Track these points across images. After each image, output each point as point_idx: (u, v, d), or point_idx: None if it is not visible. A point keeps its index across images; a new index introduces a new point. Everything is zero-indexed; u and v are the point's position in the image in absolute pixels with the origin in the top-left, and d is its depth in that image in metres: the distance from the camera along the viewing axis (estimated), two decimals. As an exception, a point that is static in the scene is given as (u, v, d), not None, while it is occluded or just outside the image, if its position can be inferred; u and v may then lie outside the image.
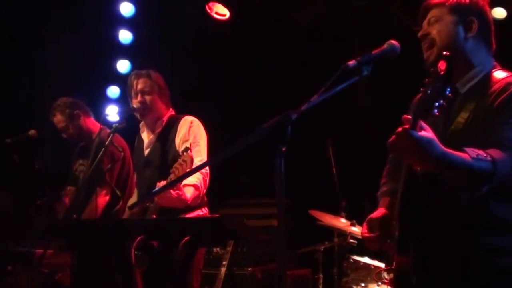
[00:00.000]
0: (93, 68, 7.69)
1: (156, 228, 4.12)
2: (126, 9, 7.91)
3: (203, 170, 4.56)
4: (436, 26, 2.91)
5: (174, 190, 4.22)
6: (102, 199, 5.23)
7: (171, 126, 4.88)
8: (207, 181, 4.67)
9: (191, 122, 4.82)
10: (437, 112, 2.44)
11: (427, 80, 2.50)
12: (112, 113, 7.55)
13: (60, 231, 4.70)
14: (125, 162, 5.46)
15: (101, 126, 5.56)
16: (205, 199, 4.77)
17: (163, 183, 4.27)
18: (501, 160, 2.54)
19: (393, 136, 2.48)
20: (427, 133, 2.45)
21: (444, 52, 2.53)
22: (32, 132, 5.82)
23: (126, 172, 5.51)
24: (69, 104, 5.80)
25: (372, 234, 2.97)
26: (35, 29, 7.39)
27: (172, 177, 4.18)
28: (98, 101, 7.78)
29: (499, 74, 2.84)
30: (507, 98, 2.70)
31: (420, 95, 2.97)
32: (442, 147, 2.48)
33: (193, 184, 4.48)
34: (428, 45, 2.93)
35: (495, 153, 2.55)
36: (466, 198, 2.61)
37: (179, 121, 4.86)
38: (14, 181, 6.33)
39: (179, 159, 4.20)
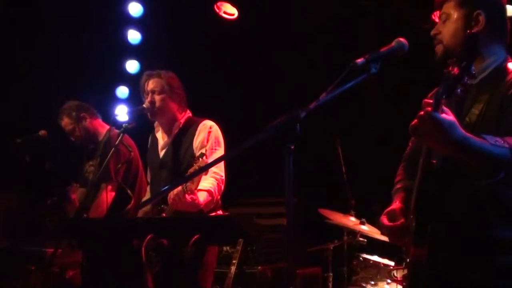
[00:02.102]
0: (102, 68, 7.71)
1: (166, 226, 4.13)
2: (135, 9, 7.94)
3: (218, 176, 4.56)
4: (446, 24, 2.93)
5: (189, 195, 4.23)
6: (108, 194, 5.23)
7: (188, 129, 4.84)
8: (222, 187, 4.65)
9: (210, 128, 4.78)
10: (461, 91, 2.47)
11: (449, 61, 2.51)
12: (122, 113, 7.58)
13: (71, 230, 4.71)
14: (133, 161, 5.47)
15: (110, 126, 5.60)
16: (220, 202, 4.77)
17: (178, 189, 4.29)
18: None
19: (415, 119, 2.48)
20: (448, 116, 2.46)
21: (468, 31, 2.55)
22: (42, 132, 5.85)
23: (135, 171, 5.52)
24: (75, 107, 5.81)
25: (394, 223, 2.93)
26: (44, 30, 7.42)
27: (188, 182, 4.19)
28: (108, 101, 7.82)
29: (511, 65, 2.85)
30: None
31: (435, 89, 2.98)
32: (463, 130, 2.49)
33: (207, 190, 4.46)
34: (437, 42, 2.96)
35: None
36: (482, 184, 2.62)
37: (197, 125, 4.82)
38: (25, 181, 6.36)
39: (194, 164, 4.20)
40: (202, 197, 4.40)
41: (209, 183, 4.49)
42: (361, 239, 5.95)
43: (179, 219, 4.33)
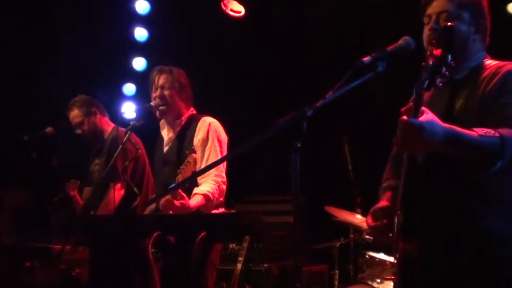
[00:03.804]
0: (109, 65, 7.73)
1: (173, 224, 4.13)
2: (142, 7, 7.95)
3: (218, 179, 4.56)
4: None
5: (177, 200, 4.21)
6: (117, 193, 5.25)
7: (190, 125, 4.87)
8: (224, 188, 4.64)
9: (210, 124, 4.79)
10: (440, 82, 2.53)
11: (428, 52, 2.56)
12: (128, 110, 7.59)
13: (77, 227, 4.73)
14: (140, 159, 5.49)
15: (115, 125, 5.63)
16: (223, 201, 4.77)
17: (167, 196, 4.32)
18: (509, 135, 2.57)
19: (397, 134, 2.51)
20: (427, 115, 2.49)
21: (450, 23, 2.62)
22: (49, 129, 5.87)
23: (142, 169, 5.54)
24: (87, 101, 5.86)
25: (378, 223, 2.97)
26: (51, 27, 7.43)
27: (179, 177, 4.19)
28: (114, 99, 7.83)
29: (488, 62, 2.94)
30: (500, 80, 2.78)
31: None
32: (443, 124, 2.52)
33: (203, 194, 4.44)
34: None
35: (503, 130, 2.58)
36: (480, 175, 2.65)
37: (198, 121, 4.84)
38: (32, 178, 6.38)
39: (185, 160, 4.23)
40: (194, 201, 4.38)
41: (207, 187, 4.49)
42: (367, 236, 5.95)
43: (186, 216, 4.34)
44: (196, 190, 4.44)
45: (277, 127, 2.46)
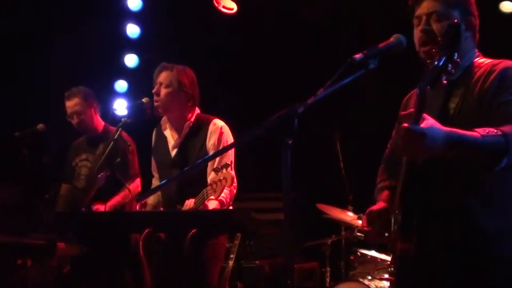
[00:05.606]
0: (101, 62, 7.70)
1: (164, 220, 4.13)
2: (134, 3, 7.95)
3: (234, 184, 4.53)
4: (441, 24, 2.90)
5: (200, 208, 4.26)
6: (135, 191, 5.38)
7: (199, 128, 4.80)
8: (235, 193, 4.63)
9: (221, 129, 4.75)
10: (445, 79, 2.52)
11: (434, 50, 2.60)
12: (120, 107, 7.59)
13: (68, 224, 4.71)
14: (136, 157, 5.56)
15: (105, 124, 5.68)
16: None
17: (191, 200, 4.34)
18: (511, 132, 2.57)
19: (398, 140, 2.51)
20: (427, 121, 2.49)
21: (456, 20, 2.65)
22: (40, 126, 5.84)
23: (138, 168, 5.60)
24: (90, 94, 5.90)
25: (371, 227, 2.97)
26: (43, 23, 7.41)
27: (209, 189, 4.21)
28: (106, 95, 7.80)
29: (481, 60, 2.94)
30: (497, 78, 2.78)
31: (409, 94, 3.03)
32: (444, 128, 2.52)
33: (219, 200, 4.43)
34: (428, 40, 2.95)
35: (505, 128, 2.58)
36: (487, 174, 2.66)
37: (208, 124, 4.79)
38: (22, 175, 6.36)
39: (218, 173, 4.20)
40: (212, 205, 4.39)
41: (223, 193, 4.48)
42: (358, 234, 5.94)
43: (177, 213, 4.34)
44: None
45: (268, 124, 2.45)
